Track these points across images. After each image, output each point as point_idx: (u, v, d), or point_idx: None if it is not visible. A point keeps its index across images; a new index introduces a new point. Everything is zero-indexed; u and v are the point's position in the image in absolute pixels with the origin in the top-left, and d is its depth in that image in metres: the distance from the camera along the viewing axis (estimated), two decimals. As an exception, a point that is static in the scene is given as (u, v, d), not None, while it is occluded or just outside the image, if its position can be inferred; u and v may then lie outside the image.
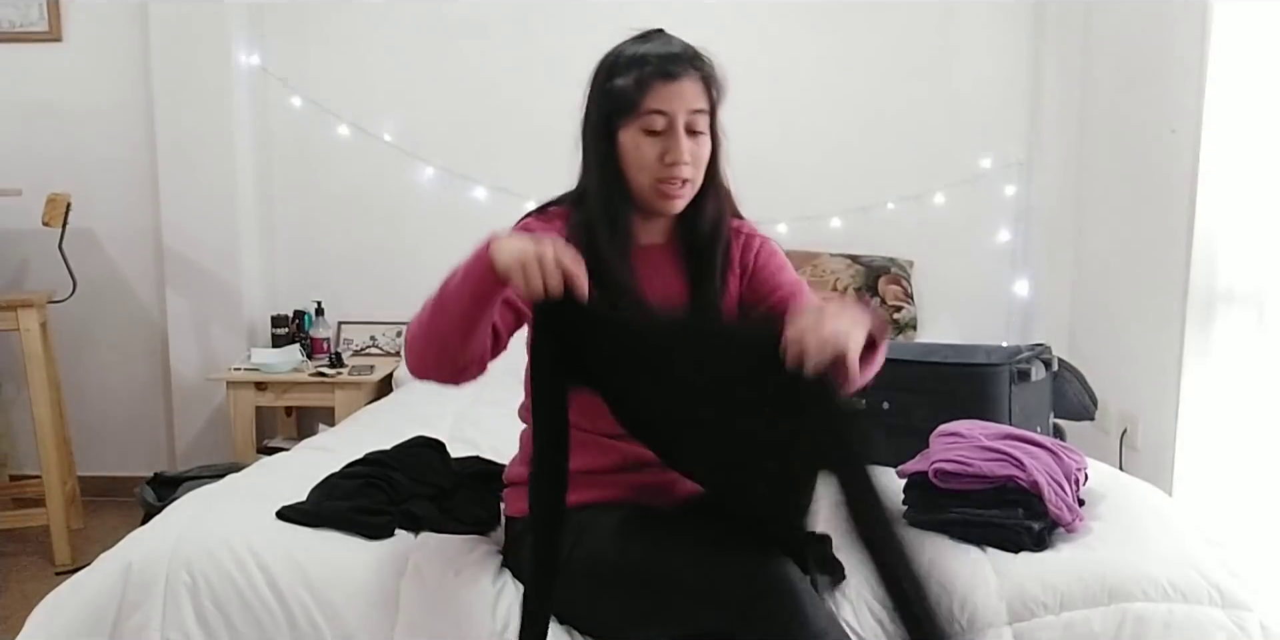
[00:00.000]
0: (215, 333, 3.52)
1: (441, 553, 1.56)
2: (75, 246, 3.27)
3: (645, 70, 1.45)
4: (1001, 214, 3.52)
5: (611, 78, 1.47)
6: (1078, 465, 1.61)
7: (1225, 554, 1.55)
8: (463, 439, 2.21)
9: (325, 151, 3.60)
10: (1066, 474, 1.56)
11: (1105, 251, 3.18)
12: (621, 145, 1.47)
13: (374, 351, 3.62)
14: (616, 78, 1.46)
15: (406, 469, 1.75)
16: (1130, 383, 2.89)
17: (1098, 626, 1.42)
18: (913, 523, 1.59)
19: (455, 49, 3.56)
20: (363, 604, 1.46)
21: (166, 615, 1.45)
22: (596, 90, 1.50)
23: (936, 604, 1.14)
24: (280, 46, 3.57)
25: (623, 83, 1.45)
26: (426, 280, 1.48)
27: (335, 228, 3.65)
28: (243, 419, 3.29)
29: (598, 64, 1.52)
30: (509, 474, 1.64)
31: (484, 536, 1.65)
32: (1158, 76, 2.79)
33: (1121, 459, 2.93)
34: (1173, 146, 2.65)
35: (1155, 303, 2.72)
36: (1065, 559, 1.50)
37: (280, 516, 1.59)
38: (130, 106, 3.50)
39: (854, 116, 3.52)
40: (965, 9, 3.47)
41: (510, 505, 1.59)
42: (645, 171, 1.47)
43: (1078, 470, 1.60)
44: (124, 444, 3.63)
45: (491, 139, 3.58)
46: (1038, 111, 3.47)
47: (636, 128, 1.46)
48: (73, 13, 3.49)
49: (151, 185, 3.52)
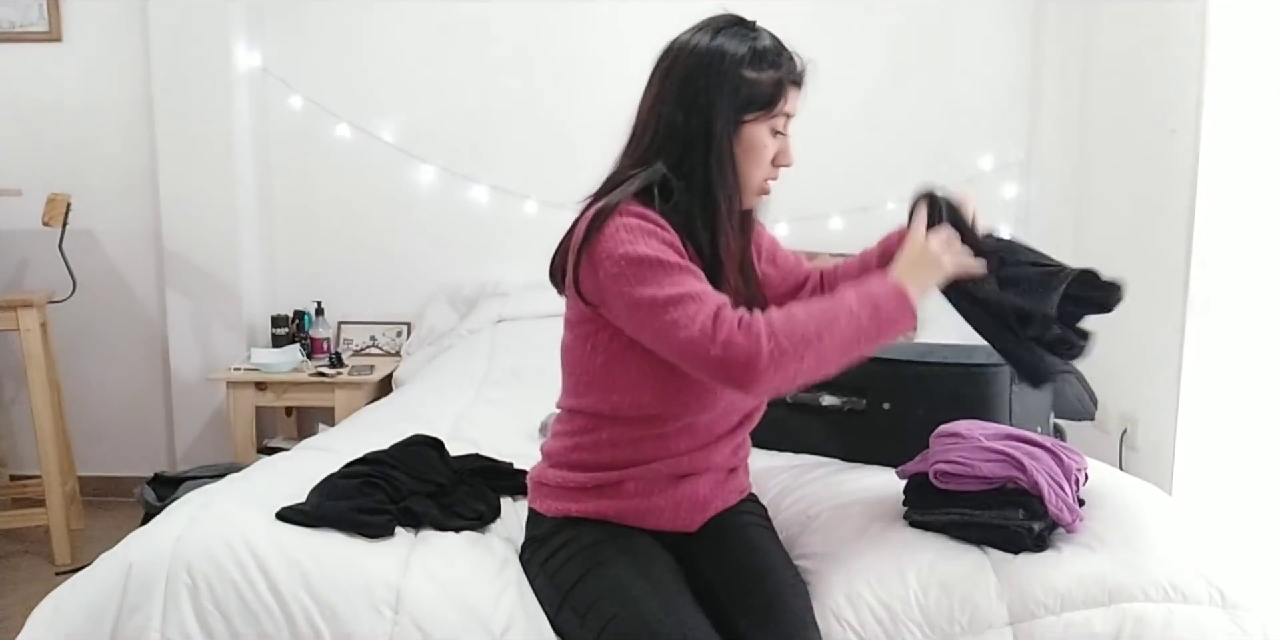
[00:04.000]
0: (215, 333, 3.52)
1: (442, 553, 1.56)
2: (75, 246, 3.27)
3: (783, 72, 1.45)
4: (1001, 214, 3.52)
5: (741, 68, 1.42)
6: (1078, 465, 1.61)
7: (1226, 554, 1.55)
8: (463, 439, 2.21)
9: (325, 151, 3.60)
10: (1067, 474, 1.56)
11: (1105, 251, 3.17)
12: (744, 139, 1.44)
13: (374, 351, 3.62)
14: (749, 70, 1.42)
15: (406, 467, 1.75)
16: (1130, 383, 2.89)
17: (1098, 627, 1.42)
18: (912, 523, 1.59)
19: (455, 49, 3.56)
20: (363, 605, 1.45)
21: (167, 616, 1.45)
22: (720, 77, 1.41)
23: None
24: (280, 46, 3.57)
25: (759, 77, 1.43)
26: (426, 280, 1.48)
27: (335, 228, 3.65)
28: (243, 419, 3.29)
29: (710, 49, 1.42)
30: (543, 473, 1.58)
31: (482, 533, 1.65)
32: (1158, 76, 2.79)
33: (1121, 459, 2.93)
34: (1173, 146, 2.65)
35: (1155, 303, 2.72)
36: (1066, 559, 1.49)
37: (280, 517, 1.58)
38: (130, 106, 3.51)
39: (854, 116, 3.52)
40: (965, 9, 3.48)
41: (542, 502, 1.56)
42: (760, 169, 1.48)
43: (1078, 470, 1.60)
44: (124, 444, 3.63)
45: (491, 139, 3.58)
46: (1038, 111, 3.47)
47: (767, 126, 1.46)
48: (73, 13, 3.49)
49: (151, 185, 3.52)
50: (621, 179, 1.45)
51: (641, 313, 1.34)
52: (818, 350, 1.30)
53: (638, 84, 1.51)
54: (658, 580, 1.41)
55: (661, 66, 1.47)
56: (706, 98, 1.41)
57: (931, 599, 1.46)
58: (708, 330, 1.29)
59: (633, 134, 1.49)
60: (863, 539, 1.58)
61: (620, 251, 1.34)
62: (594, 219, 1.38)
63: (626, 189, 1.42)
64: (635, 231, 1.36)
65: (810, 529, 1.67)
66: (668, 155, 1.43)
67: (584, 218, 1.43)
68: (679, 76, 1.43)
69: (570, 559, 1.46)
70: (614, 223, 1.37)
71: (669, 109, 1.43)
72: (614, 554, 1.44)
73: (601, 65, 3.44)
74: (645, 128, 1.46)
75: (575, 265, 1.40)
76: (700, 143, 1.42)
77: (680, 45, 1.45)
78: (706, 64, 1.42)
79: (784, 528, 1.68)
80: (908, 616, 1.45)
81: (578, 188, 1.56)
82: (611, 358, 1.44)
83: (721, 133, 1.42)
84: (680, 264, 1.35)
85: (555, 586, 1.46)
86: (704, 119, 1.41)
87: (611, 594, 1.38)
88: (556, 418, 1.60)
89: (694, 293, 1.32)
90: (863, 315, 1.33)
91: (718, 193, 1.43)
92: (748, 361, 1.28)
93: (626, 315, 1.37)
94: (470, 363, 3.09)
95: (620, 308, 1.37)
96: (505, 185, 3.56)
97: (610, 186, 1.46)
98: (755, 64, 1.43)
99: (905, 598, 1.46)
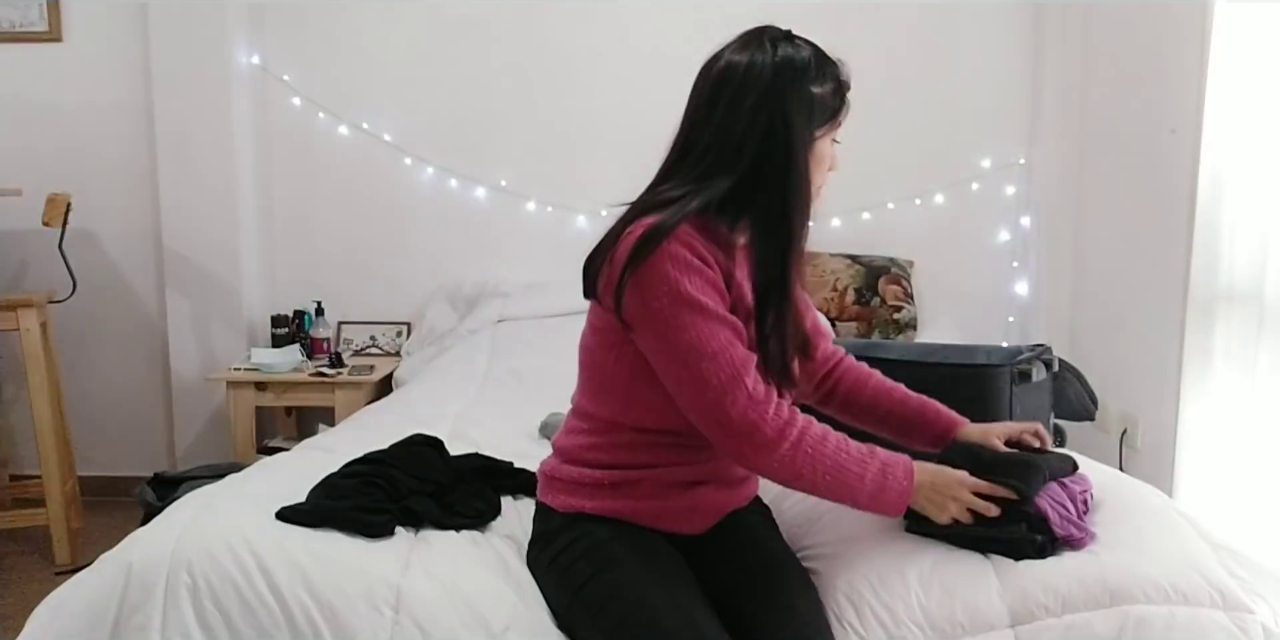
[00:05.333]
0: (215, 333, 3.52)
1: (443, 552, 1.56)
2: (75, 246, 3.27)
3: (840, 82, 1.47)
4: (1001, 214, 3.52)
5: (805, 83, 1.42)
6: (1081, 488, 1.61)
7: (1226, 555, 1.55)
8: (463, 439, 2.21)
9: (325, 151, 3.60)
10: (1071, 498, 1.56)
11: (1105, 251, 3.17)
12: (816, 151, 1.47)
13: (374, 351, 3.62)
14: (812, 85, 1.43)
15: (405, 466, 1.75)
16: (1130, 383, 2.89)
17: (1099, 629, 1.42)
18: (911, 530, 1.59)
19: (455, 49, 3.56)
20: (363, 604, 1.45)
21: (167, 617, 1.44)
22: (793, 94, 1.41)
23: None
24: (280, 46, 3.57)
25: (824, 90, 1.45)
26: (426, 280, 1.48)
27: (335, 228, 3.65)
28: (243, 419, 3.29)
29: (778, 66, 1.41)
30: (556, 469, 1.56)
31: (482, 532, 1.65)
32: (1158, 76, 2.80)
33: (1121, 459, 2.93)
34: (1173, 146, 2.65)
35: (1155, 303, 2.72)
36: (1066, 561, 1.49)
37: (280, 517, 1.58)
38: (130, 106, 3.51)
39: (854, 116, 3.50)
40: (965, 9, 3.48)
41: (554, 497, 1.54)
42: (821, 177, 1.50)
43: (1081, 492, 1.60)
44: (124, 444, 3.64)
45: (491, 139, 3.58)
46: (1038, 111, 3.47)
47: (829, 137, 1.49)
48: (73, 13, 3.49)
49: (151, 185, 3.52)
50: (668, 199, 1.41)
51: (672, 356, 1.37)
52: (813, 479, 1.38)
53: (638, 84, 1.51)
54: (669, 580, 1.41)
55: (723, 85, 1.43)
56: (784, 117, 1.40)
57: (933, 600, 1.46)
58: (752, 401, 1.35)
59: (687, 150, 1.45)
60: (864, 540, 1.58)
61: (667, 289, 1.35)
62: (645, 239, 1.36)
63: (686, 206, 1.39)
64: (685, 267, 1.36)
65: (812, 530, 1.67)
66: (732, 173, 1.41)
67: (633, 232, 1.38)
68: (749, 101, 1.40)
69: (581, 556, 1.46)
70: (666, 249, 1.35)
71: (738, 128, 1.40)
72: (625, 553, 1.44)
73: (602, 65, 3.43)
74: (708, 145, 1.42)
75: (618, 283, 1.37)
76: (779, 161, 1.41)
77: (739, 64, 1.42)
78: (775, 83, 1.40)
79: (786, 528, 1.68)
80: (909, 617, 1.45)
81: (578, 188, 1.56)
82: (637, 373, 1.43)
83: (801, 153, 1.43)
84: (721, 315, 1.37)
85: (565, 583, 1.45)
86: (783, 139, 1.41)
87: (623, 594, 1.38)
88: (571, 413, 1.59)
89: (729, 354, 1.36)
90: (869, 486, 1.39)
91: (795, 206, 1.43)
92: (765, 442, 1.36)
93: (655, 351, 1.39)
94: (470, 363, 3.09)
95: (651, 341, 1.38)
96: (505, 185, 3.56)
97: (662, 201, 1.41)
98: (819, 78, 1.44)
99: (907, 599, 1.46)
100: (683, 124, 1.48)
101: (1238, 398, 2.51)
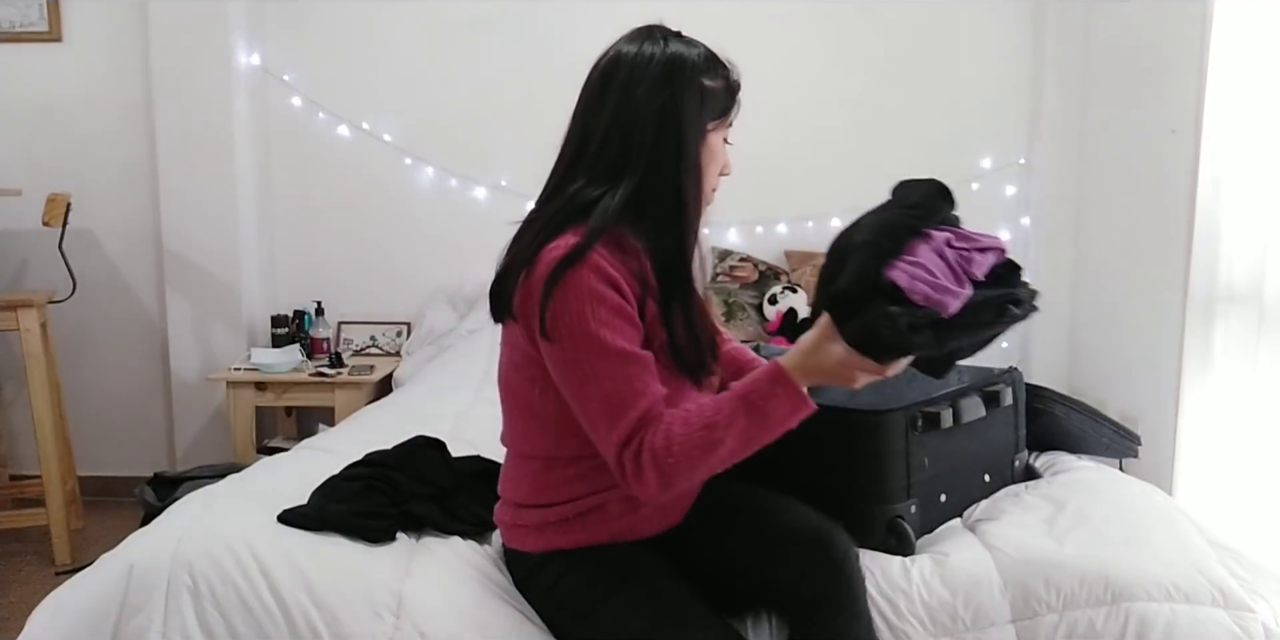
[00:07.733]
0: (215, 333, 3.52)
1: (444, 559, 1.55)
2: (75, 246, 3.27)
3: (731, 79, 1.44)
4: (1001, 214, 3.52)
5: (696, 74, 1.39)
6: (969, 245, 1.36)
7: (1227, 555, 1.55)
8: (463, 439, 2.20)
9: (325, 151, 3.60)
10: (941, 254, 1.32)
11: (1105, 252, 3.17)
12: (709, 145, 1.42)
13: (374, 351, 3.62)
14: (705, 78, 1.40)
15: (407, 469, 1.75)
16: (1130, 382, 2.89)
17: (1100, 626, 1.42)
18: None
19: (455, 49, 3.56)
20: (363, 608, 1.45)
21: (168, 618, 1.44)
22: (685, 86, 1.38)
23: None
24: (280, 46, 3.57)
25: (715, 86, 1.41)
26: (426, 280, 1.47)
27: (335, 227, 3.65)
28: (243, 419, 3.28)
29: (669, 58, 1.39)
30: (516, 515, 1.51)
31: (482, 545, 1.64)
32: (1158, 76, 2.79)
33: (1122, 459, 2.93)
34: (1173, 146, 2.65)
35: (1155, 303, 2.72)
36: (1069, 558, 1.49)
37: (282, 520, 1.58)
38: (130, 106, 3.50)
39: (854, 116, 3.52)
40: (965, 9, 3.48)
41: (524, 541, 1.50)
42: (712, 178, 1.45)
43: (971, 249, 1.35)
44: (124, 444, 3.63)
45: (491, 139, 3.58)
46: (1038, 111, 3.47)
47: (720, 134, 1.45)
48: (73, 13, 3.49)
49: (151, 185, 3.52)
50: (584, 201, 1.37)
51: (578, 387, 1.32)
52: (706, 464, 1.30)
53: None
54: (666, 600, 1.40)
55: (612, 78, 1.41)
56: (675, 108, 1.37)
57: (935, 595, 1.46)
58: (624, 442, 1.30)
59: (580, 150, 1.42)
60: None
61: (582, 331, 1.30)
62: (559, 266, 1.31)
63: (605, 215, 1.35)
64: (599, 304, 1.30)
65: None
66: (634, 170, 1.37)
67: (545, 256, 1.34)
68: (641, 88, 1.38)
69: (573, 590, 1.45)
70: (579, 279, 1.30)
71: (634, 122, 1.37)
72: (617, 582, 1.42)
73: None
74: (602, 143, 1.39)
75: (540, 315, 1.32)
76: (673, 155, 1.37)
77: (631, 56, 1.41)
78: (668, 74, 1.38)
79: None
80: (911, 612, 1.46)
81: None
82: (564, 405, 1.37)
83: (693, 143, 1.39)
84: (621, 351, 1.30)
85: (566, 614, 1.45)
86: (675, 130, 1.37)
87: (624, 626, 1.38)
88: (508, 458, 1.54)
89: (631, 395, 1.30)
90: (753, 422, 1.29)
91: (689, 202, 1.39)
92: (641, 490, 1.31)
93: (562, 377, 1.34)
94: (470, 363, 3.08)
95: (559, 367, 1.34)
96: (505, 185, 3.56)
97: (570, 208, 1.38)
98: (710, 72, 1.42)
99: (909, 594, 1.47)
100: (575, 116, 1.45)
101: (1237, 397, 2.51)
